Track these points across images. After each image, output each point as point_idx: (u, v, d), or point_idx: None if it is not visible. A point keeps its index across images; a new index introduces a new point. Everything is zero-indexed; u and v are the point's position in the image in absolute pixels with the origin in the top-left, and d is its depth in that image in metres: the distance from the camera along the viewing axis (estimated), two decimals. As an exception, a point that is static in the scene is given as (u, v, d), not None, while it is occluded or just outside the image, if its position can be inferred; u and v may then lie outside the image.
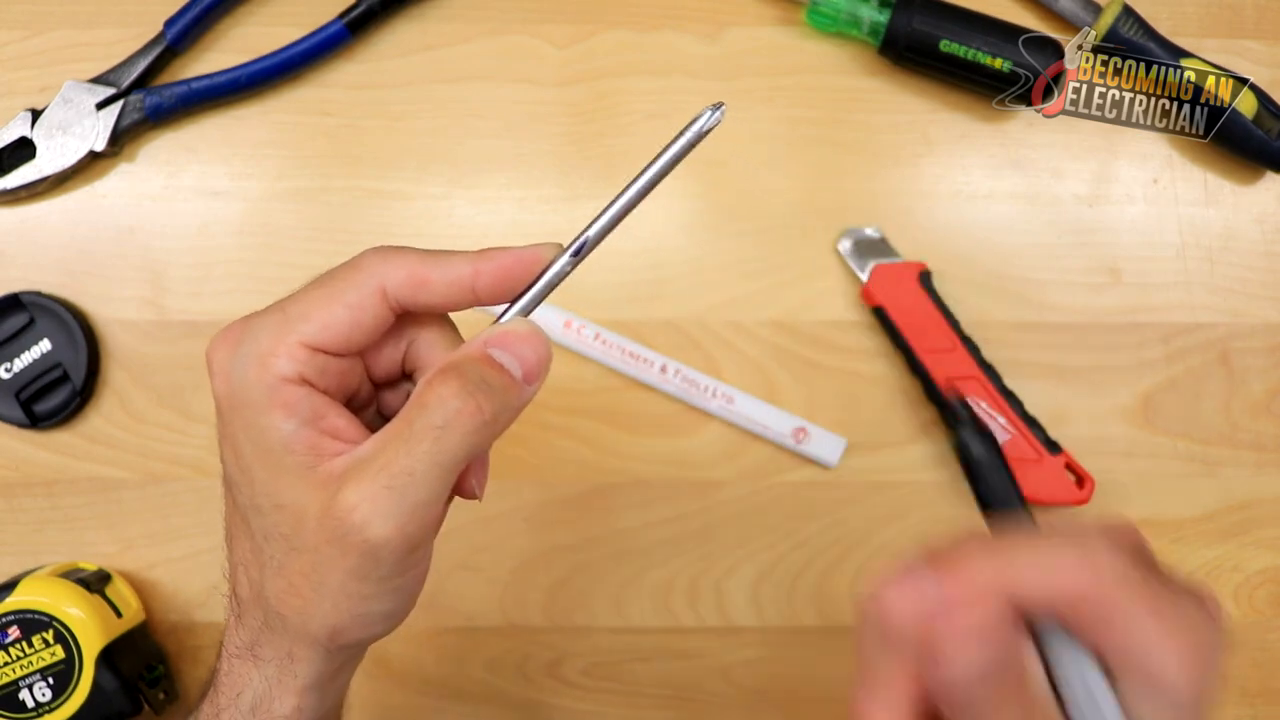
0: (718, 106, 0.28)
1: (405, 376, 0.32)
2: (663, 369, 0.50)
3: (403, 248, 0.29)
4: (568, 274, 0.29)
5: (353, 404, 0.30)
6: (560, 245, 0.29)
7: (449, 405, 0.27)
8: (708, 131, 0.29)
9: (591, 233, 0.29)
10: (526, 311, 0.30)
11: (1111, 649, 0.24)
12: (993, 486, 0.28)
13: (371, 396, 0.32)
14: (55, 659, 0.44)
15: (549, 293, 0.30)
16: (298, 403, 0.28)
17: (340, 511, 0.26)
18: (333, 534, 0.27)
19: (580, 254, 0.29)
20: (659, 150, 0.29)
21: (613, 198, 0.29)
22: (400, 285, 0.28)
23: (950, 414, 0.28)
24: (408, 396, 0.31)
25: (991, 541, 0.26)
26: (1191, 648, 0.24)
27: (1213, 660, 0.24)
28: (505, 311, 0.30)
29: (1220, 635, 0.25)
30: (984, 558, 0.25)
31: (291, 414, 0.28)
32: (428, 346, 0.31)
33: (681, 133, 0.29)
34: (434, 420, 0.27)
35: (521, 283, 0.29)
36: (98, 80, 0.50)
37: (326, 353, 0.28)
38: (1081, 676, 0.25)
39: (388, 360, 0.31)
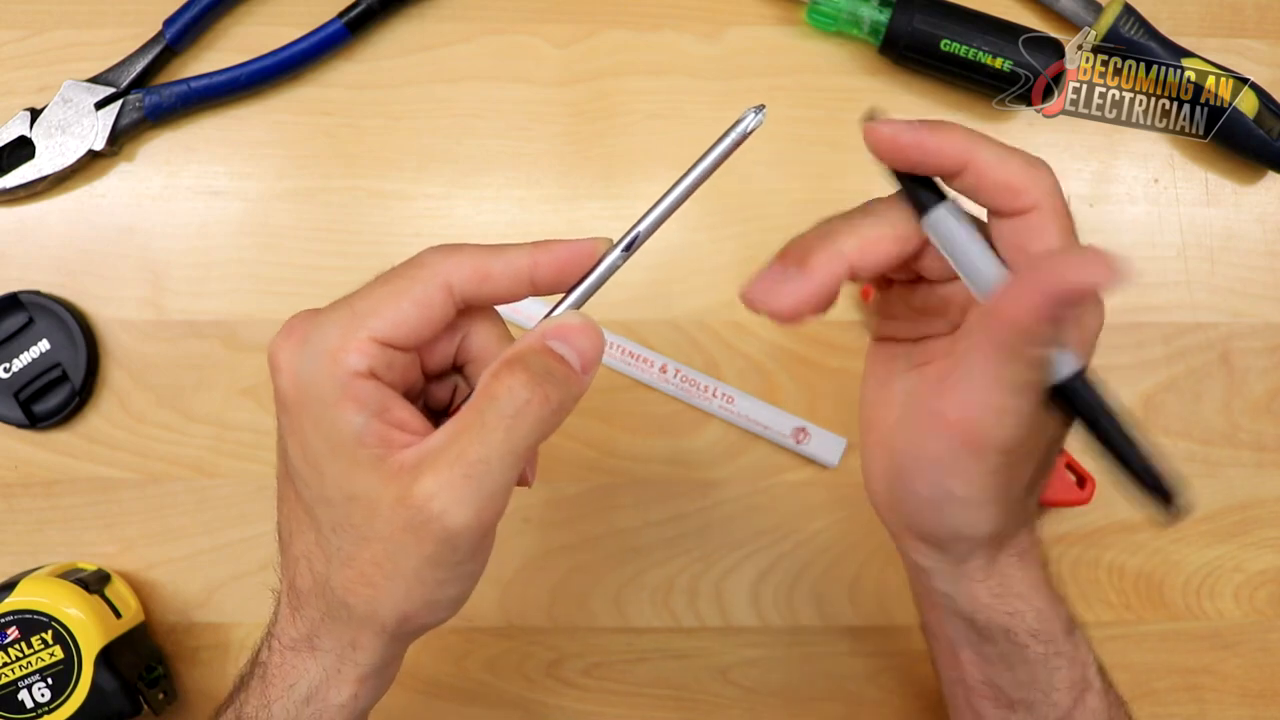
0: (760, 109, 0.30)
1: (454, 369, 0.33)
2: (663, 369, 0.50)
3: (461, 244, 0.30)
4: (618, 268, 0.31)
5: (407, 396, 0.31)
6: (610, 240, 0.31)
7: (519, 395, 0.28)
8: (750, 133, 0.30)
9: (642, 228, 0.31)
10: (579, 305, 0.31)
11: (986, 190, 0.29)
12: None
13: (421, 389, 0.33)
14: (54, 659, 0.44)
15: (600, 286, 0.31)
16: (367, 396, 0.29)
17: (418, 500, 0.28)
18: (409, 522, 0.28)
19: (630, 249, 0.31)
20: (704, 151, 0.30)
21: (660, 196, 0.31)
22: (466, 280, 0.30)
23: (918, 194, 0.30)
24: (454, 389, 0.33)
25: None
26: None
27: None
28: (558, 304, 0.31)
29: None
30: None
31: (362, 407, 0.28)
32: (481, 340, 0.32)
33: (726, 134, 0.30)
34: (505, 410, 0.28)
35: (575, 275, 0.31)
36: (97, 80, 0.50)
37: (394, 347, 0.29)
38: (957, 231, 0.29)
39: (441, 354, 0.32)
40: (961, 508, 0.32)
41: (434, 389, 0.33)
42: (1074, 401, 0.29)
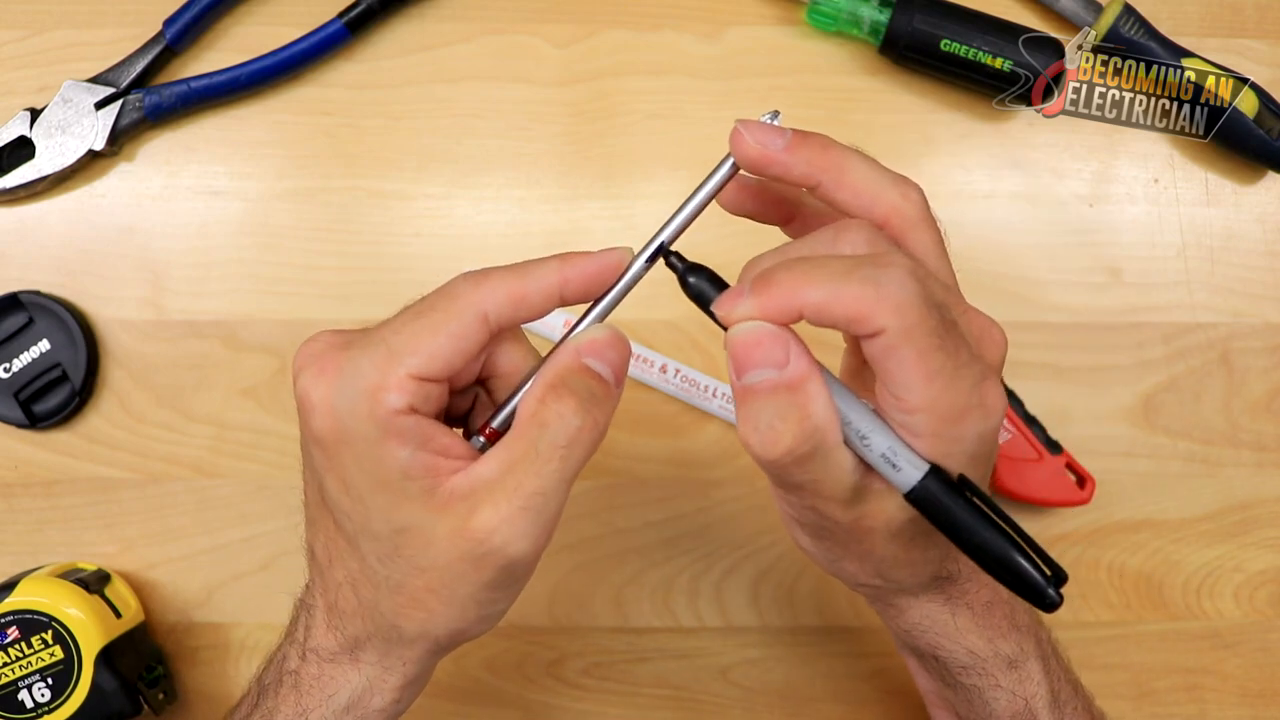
0: (775, 114, 0.30)
1: (476, 382, 0.33)
2: (663, 369, 0.50)
3: (489, 269, 0.30)
4: (642, 277, 0.31)
5: (435, 417, 0.31)
6: (632, 250, 0.31)
7: (571, 423, 0.28)
8: None
9: (664, 236, 0.30)
10: (604, 316, 0.31)
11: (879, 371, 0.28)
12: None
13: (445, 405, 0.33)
14: (54, 659, 0.44)
15: (624, 297, 0.31)
16: (409, 431, 0.28)
17: (479, 534, 0.28)
18: (468, 554, 0.28)
19: (654, 258, 0.31)
20: (719, 161, 0.30)
21: (680, 203, 0.30)
22: (502, 307, 0.29)
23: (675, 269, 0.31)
24: (475, 399, 0.33)
25: (800, 268, 0.28)
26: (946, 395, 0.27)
27: (964, 401, 0.28)
28: (584, 317, 0.31)
29: (990, 379, 0.28)
30: (792, 283, 0.28)
31: (405, 442, 0.28)
32: (506, 357, 0.32)
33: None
34: (559, 440, 0.28)
35: (603, 287, 0.30)
36: (97, 80, 0.50)
37: (431, 381, 0.29)
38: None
39: (468, 374, 0.32)
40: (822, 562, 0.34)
41: (455, 400, 0.33)
42: (923, 509, 0.28)
